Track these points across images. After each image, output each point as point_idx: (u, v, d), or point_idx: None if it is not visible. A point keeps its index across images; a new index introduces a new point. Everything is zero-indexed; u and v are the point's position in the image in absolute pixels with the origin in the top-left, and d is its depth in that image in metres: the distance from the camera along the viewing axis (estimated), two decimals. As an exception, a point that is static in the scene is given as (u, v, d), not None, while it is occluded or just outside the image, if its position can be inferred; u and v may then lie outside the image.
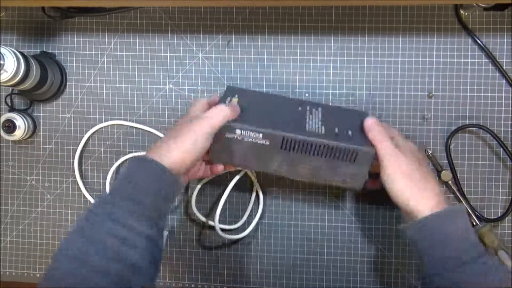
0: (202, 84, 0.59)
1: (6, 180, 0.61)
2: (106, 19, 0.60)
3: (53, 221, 0.61)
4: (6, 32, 0.61)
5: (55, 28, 0.61)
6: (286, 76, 0.58)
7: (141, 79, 0.60)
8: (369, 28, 0.57)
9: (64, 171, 0.61)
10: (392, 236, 0.57)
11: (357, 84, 0.57)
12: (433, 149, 0.56)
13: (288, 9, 0.58)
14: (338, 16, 0.58)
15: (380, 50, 0.57)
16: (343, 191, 0.58)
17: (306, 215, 0.58)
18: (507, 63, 0.56)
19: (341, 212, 0.58)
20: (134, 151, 0.59)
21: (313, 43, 0.58)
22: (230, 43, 0.59)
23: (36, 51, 0.61)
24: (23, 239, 0.61)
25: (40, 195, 0.61)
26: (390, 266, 0.57)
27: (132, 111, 0.60)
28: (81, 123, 0.60)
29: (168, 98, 0.60)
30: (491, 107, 0.56)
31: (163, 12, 0.60)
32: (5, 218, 0.62)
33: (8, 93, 0.60)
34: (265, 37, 0.59)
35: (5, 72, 0.51)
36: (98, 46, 0.60)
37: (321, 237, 0.58)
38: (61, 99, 0.61)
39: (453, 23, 0.56)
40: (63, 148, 0.61)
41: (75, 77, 0.61)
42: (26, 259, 0.61)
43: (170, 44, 0.59)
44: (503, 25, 0.56)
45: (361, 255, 0.58)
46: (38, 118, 0.61)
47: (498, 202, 0.56)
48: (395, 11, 0.57)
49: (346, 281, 0.58)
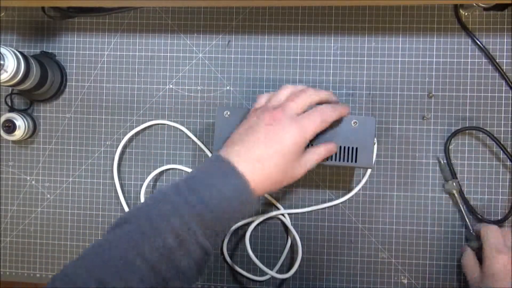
0: (202, 84, 0.59)
1: (6, 180, 0.61)
2: (106, 19, 0.60)
3: (53, 221, 0.61)
4: (6, 32, 0.61)
5: (55, 28, 0.61)
6: (286, 76, 0.58)
7: (141, 79, 0.60)
8: (369, 28, 0.57)
9: (64, 171, 0.61)
10: (392, 236, 0.57)
11: (357, 84, 0.57)
12: (433, 149, 0.56)
13: (288, 9, 0.58)
14: (338, 16, 0.58)
15: (380, 50, 0.57)
16: (342, 189, 0.58)
17: (306, 215, 0.58)
18: (507, 63, 0.56)
19: (341, 212, 0.58)
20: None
21: (313, 43, 0.58)
22: (230, 43, 0.59)
23: (36, 51, 0.61)
24: (23, 239, 0.61)
25: (40, 195, 0.61)
26: (390, 266, 0.57)
27: (132, 111, 0.60)
28: (81, 123, 0.60)
29: (168, 98, 0.60)
30: (491, 107, 0.56)
31: (163, 12, 0.60)
32: (5, 218, 0.62)
33: (8, 93, 0.60)
34: (265, 37, 0.59)
35: (5, 72, 0.51)
36: (98, 46, 0.60)
37: (321, 237, 0.58)
38: (61, 99, 0.61)
39: (453, 23, 0.57)
40: (63, 148, 0.61)
41: (75, 77, 0.61)
42: (26, 259, 0.61)
43: (170, 44, 0.59)
44: (503, 25, 0.56)
45: (361, 255, 0.58)
46: (38, 118, 0.61)
47: (498, 202, 0.56)
48: (395, 11, 0.57)
49: (346, 281, 0.58)
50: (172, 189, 0.39)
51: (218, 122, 0.50)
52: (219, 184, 0.39)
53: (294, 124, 0.41)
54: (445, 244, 0.57)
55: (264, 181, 0.41)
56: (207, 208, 0.38)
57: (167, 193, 0.39)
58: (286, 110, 0.42)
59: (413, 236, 0.57)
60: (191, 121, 0.59)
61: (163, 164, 0.59)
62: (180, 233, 0.37)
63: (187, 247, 0.37)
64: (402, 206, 0.57)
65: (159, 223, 0.37)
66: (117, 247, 0.36)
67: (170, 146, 0.59)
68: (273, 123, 0.41)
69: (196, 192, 0.38)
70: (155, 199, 0.39)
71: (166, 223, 0.37)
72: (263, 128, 0.41)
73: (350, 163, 0.48)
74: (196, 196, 0.38)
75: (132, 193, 0.60)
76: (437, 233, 0.57)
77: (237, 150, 0.41)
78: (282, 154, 0.41)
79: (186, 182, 0.40)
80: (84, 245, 0.60)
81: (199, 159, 0.59)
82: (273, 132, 0.41)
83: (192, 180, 0.40)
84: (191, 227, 0.37)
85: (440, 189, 0.56)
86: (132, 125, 0.60)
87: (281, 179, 0.42)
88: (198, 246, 0.38)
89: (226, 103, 0.59)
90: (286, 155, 0.41)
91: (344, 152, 0.48)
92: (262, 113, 0.43)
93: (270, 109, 0.43)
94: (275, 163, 0.41)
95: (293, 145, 0.41)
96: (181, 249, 0.37)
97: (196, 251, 0.38)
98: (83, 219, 0.61)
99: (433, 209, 0.57)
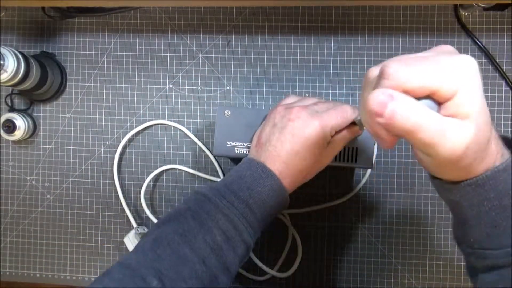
0: (202, 84, 0.59)
1: (6, 180, 0.61)
2: (106, 19, 0.60)
3: (53, 221, 0.61)
4: (6, 32, 0.61)
5: (55, 28, 0.61)
6: (286, 76, 0.58)
7: (141, 79, 0.60)
8: (369, 28, 0.57)
9: (64, 171, 0.61)
10: (392, 236, 0.57)
11: (357, 84, 0.57)
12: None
13: (288, 9, 0.58)
14: (338, 16, 0.58)
15: (380, 50, 0.57)
16: (342, 192, 0.58)
17: (306, 215, 0.58)
18: (507, 63, 0.56)
19: (341, 212, 0.58)
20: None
21: (313, 43, 0.58)
22: (230, 43, 0.59)
23: (36, 51, 0.61)
24: (23, 239, 0.61)
25: (40, 195, 0.61)
26: (390, 266, 0.57)
27: (132, 111, 0.60)
28: (81, 123, 0.60)
29: (168, 98, 0.60)
30: (491, 107, 0.56)
31: (163, 12, 0.60)
32: (5, 218, 0.62)
33: (8, 93, 0.60)
34: (265, 37, 0.59)
35: (5, 72, 0.51)
36: (98, 46, 0.60)
37: (321, 237, 0.58)
38: (61, 99, 0.61)
39: (453, 23, 0.57)
40: (63, 148, 0.61)
41: (75, 77, 0.61)
42: (26, 259, 0.61)
43: (170, 44, 0.59)
44: (503, 25, 0.56)
45: (361, 255, 0.58)
46: (38, 118, 0.61)
47: (498, 202, 0.56)
48: (395, 11, 0.57)
49: (346, 281, 0.58)
50: (213, 191, 0.42)
51: (218, 122, 0.50)
52: (257, 186, 0.41)
53: (316, 117, 0.42)
54: (445, 244, 0.57)
55: (294, 176, 0.43)
56: (249, 209, 0.41)
57: (208, 195, 0.42)
58: (308, 107, 0.44)
59: (413, 236, 0.57)
60: (191, 121, 0.59)
61: (163, 164, 0.59)
62: (227, 230, 0.40)
63: (233, 244, 0.40)
64: (402, 206, 0.57)
65: (207, 221, 0.40)
66: (169, 244, 0.39)
67: (170, 146, 0.59)
68: (295, 119, 0.43)
69: (236, 194, 0.41)
70: (196, 201, 0.42)
71: (214, 221, 0.40)
72: (287, 125, 0.43)
73: (350, 163, 0.48)
74: (237, 198, 0.41)
75: (132, 193, 0.60)
76: (437, 233, 0.57)
77: (266, 150, 0.43)
78: (307, 148, 0.42)
79: (225, 186, 0.42)
80: (84, 245, 0.61)
81: (199, 159, 0.59)
82: (296, 128, 0.42)
83: (231, 184, 0.42)
84: (237, 225, 0.40)
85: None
86: (132, 125, 0.60)
87: (310, 170, 0.44)
88: (243, 242, 0.41)
89: (226, 103, 0.59)
90: (312, 148, 0.42)
91: (344, 152, 0.48)
92: (285, 110, 0.44)
93: (294, 107, 0.44)
94: (302, 157, 0.42)
95: (316, 137, 0.42)
96: (228, 245, 0.40)
97: (240, 247, 0.41)
98: (83, 219, 0.61)
99: (433, 209, 0.57)
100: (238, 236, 0.40)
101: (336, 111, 0.43)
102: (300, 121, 0.42)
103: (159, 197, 0.60)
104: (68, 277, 0.61)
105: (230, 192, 0.41)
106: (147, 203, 0.59)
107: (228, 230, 0.40)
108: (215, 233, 0.39)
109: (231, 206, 0.40)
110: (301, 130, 0.42)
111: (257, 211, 0.41)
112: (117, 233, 0.60)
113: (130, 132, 0.59)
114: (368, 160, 0.48)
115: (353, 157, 0.48)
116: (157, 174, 0.59)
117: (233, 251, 0.40)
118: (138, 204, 0.59)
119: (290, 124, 0.43)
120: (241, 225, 0.40)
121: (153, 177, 0.59)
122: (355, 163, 0.48)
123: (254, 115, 0.49)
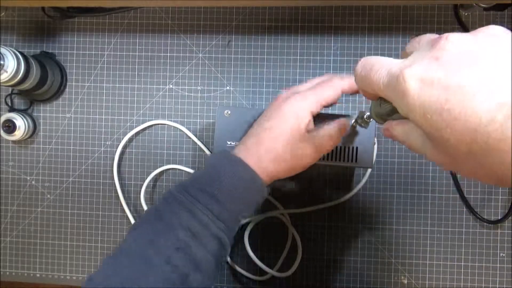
0: (202, 84, 0.59)
1: (6, 180, 0.61)
2: (106, 19, 0.60)
3: (53, 221, 0.61)
4: (6, 32, 0.61)
5: (55, 28, 0.61)
6: (286, 76, 0.58)
7: (141, 79, 0.60)
8: (369, 28, 0.57)
9: (64, 171, 0.61)
10: (392, 236, 0.57)
11: (357, 84, 0.57)
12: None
13: (288, 9, 0.58)
14: (338, 16, 0.58)
15: (380, 50, 0.57)
16: (342, 190, 0.58)
17: (305, 215, 0.58)
18: (507, 63, 0.56)
19: (341, 212, 0.58)
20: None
21: (313, 43, 0.58)
22: (230, 43, 0.59)
23: (36, 51, 0.61)
24: (23, 239, 0.61)
25: (40, 195, 0.61)
26: (390, 266, 0.57)
27: (132, 111, 0.60)
28: (81, 123, 0.60)
29: (168, 98, 0.60)
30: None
31: (163, 12, 0.60)
32: (5, 218, 0.62)
33: (8, 93, 0.60)
34: (265, 37, 0.59)
35: (5, 72, 0.51)
36: (98, 46, 0.60)
37: (321, 237, 0.58)
38: (61, 99, 0.61)
39: (453, 23, 0.57)
40: (63, 148, 0.61)
41: (75, 77, 0.61)
42: (26, 259, 0.61)
43: (170, 44, 0.59)
44: (503, 25, 0.56)
45: (361, 255, 0.58)
46: (38, 118, 0.61)
47: (498, 202, 0.56)
48: (395, 11, 0.57)
49: (346, 281, 0.58)
50: (178, 188, 0.41)
51: (218, 122, 0.50)
52: (221, 175, 0.39)
53: (297, 95, 0.41)
54: (445, 244, 0.57)
55: (271, 163, 0.40)
56: (215, 200, 0.39)
57: (173, 192, 0.41)
58: (294, 88, 0.43)
59: (413, 236, 0.57)
60: (191, 121, 0.59)
61: (163, 164, 0.59)
62: (191, 226, 0.38)
63: (201, 240, 0.38)
64: (402, 206, 0.57)
65: (171, 220, 0.39)
66: (136, 248, 0.38)
67: (170, 146, 0.59)
68: (281, 102, 0.42)
69: (201, 186, 0.40)
70: (164, 200, 0.41)
71: (177, 219, 0.38)
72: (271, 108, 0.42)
73: (350, 163, 0.48)
74: (201, 191, 0.39)
75: (132, 193, 0.60)
76: (437, 233, 0.57)
77: (243, 139, 0.43)
78: (285, 129, 0.40)
79: (193, 180, 0.41)
80: (84, 245, 0.61)
81: (199, 159, 0.59)
82: (269, 111, 0.42)
83: (198, 177, 0.41)
84: (201, 219, 0.38)
85: (440, 189, 0.56)
86: (132, 125, 0.60)
87: (289, 157, 0.41)
88: (213, 237, 0.39)
89: (226, 103, 0.59)
90: (284, 128, 0.40)
91: (344, 152, 0.48)
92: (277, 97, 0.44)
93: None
94: (277, 139, 0.40)
95: (294, 113, 0.40)
96: (195, 242, 0.38)
97: (211, 242, 0.39)
98: (83, 219, 0.61)
99: (433, 209, 0.57)
100: (206, 231, 0.38)
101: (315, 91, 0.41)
102: (276, 103, 0.42)
103: (159, 197, 0.60)
104: (68, 277, 0.61)
105: (195, 186, 0.40)
106: (147, 203, 0.59)
107: (193, 226, 0.38)
108: (178, 231, 0.38)
109: (194, 200, 0.39)
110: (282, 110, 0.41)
111: (224, 200, 0.39)
112: (117, 233, 0.60)
113: (130, 132, 0.59)
114: (368, 160, 0.48)
115: (353, 157, 0.48)
116: (157, 174, 0.59)
117: (203, 247, 0.38)
118: (138, 204, 0.59)
119: (274, 106, 0.42)
120: (205, 218, 0.38)
121: (153, 177, 0.59)
122: (355, 163, 0.48)
123: (254, 115, 0.49)
